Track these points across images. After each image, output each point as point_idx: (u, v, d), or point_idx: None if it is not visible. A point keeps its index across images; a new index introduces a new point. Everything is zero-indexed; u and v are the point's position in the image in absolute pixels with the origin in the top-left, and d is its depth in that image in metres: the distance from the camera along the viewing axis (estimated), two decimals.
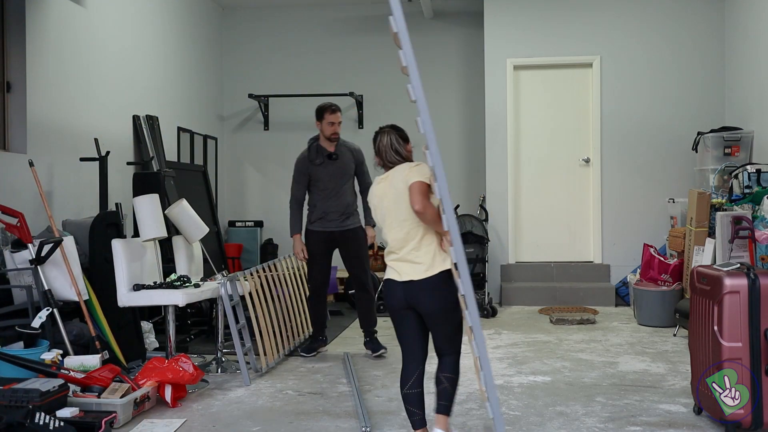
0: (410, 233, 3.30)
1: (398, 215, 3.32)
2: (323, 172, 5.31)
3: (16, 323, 4.30)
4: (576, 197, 8.07)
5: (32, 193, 5.18)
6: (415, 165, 3.35)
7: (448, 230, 3.04)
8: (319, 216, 5.30)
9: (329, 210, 5.29)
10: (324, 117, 5.34)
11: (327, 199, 5.30)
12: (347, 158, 5.39)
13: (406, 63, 2.97)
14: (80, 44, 6.06)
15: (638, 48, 7.90)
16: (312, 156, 5.34)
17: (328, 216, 5.29)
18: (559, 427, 3.74)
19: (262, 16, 9.27)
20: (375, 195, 3.45)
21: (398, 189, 3.31)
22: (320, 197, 5.31)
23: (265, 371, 4.87)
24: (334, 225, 5.30)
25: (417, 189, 3.21)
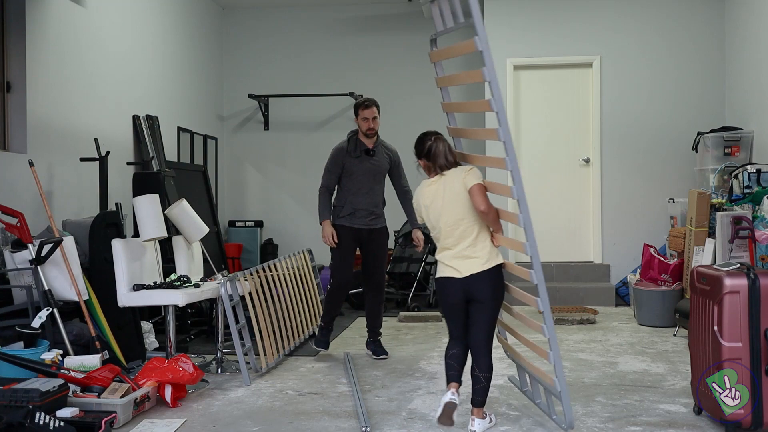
0: (465, 231, 3.62)
1: (454, 215, 3.63)
2: (358, 167, 5.23)
3: (16, 323, 4.30)
4: (576, 197, 8.07)
5: (32, 193, 5.18)
6: (470, 169, 3.70)
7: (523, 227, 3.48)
8: (349, 212, 5.23)
9: (359, 206, 5.22)
10: (359, 113, 5.30)
11: (358, 195, 5.22)
12: (383, 157, 5.34)
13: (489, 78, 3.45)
14: (80, 44, 6.06)
15: (638, 48, 7.91)
16: (350, 148, 5.25)
17: (357, 213, 5.23)
18: (559, 427, 3.73)
19: (262, 16, 9.27)
20: (426, 196, 3.73)
21: (455, 191, 3.64)
22: (351, 192, 5.24)
23: (265, 371, 4.87)
24: (362, 222, 5.25)
25: (479, 191, 3.58)
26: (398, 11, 9.05)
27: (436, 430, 3.70)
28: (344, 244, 5.26)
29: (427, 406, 4.10)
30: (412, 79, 9.00)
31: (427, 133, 3.93)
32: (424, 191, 3.75)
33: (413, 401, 4.21)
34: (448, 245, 3.66)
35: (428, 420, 3.86)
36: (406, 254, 7.65)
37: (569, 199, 8.08)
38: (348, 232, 5.25)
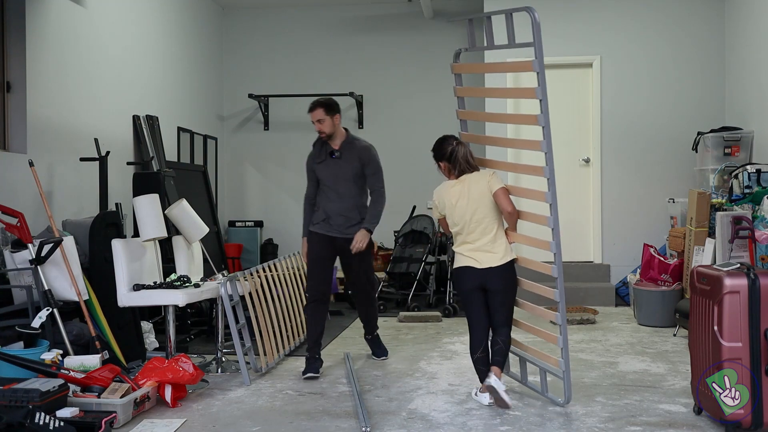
0: (486, 228, 4.12)
1: (478, 214, 4.11)
2: (324, 171, 4.93)
3: (16, 323, 4.30)
4: (576, 197, 8.07)
5: (32, 193, 5.18)
6: (492, 173, 4.20)
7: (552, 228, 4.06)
8: (322, 218, 4.91)
9: (331, 213, 4.89)
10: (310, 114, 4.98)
11: (329, 200, 4.90)
12: (351, 157, 4.92)
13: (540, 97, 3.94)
14: (80, 44, 6.06)
15: (638, 48, 7.91)
16: (314, 152, 5.02)
17: (330, 219, 4.89)
18: (559, 427, 3.74)
19: (262, 16, 9.27)
20: (452, 196, 4.15)
21: (480, 192, 4.12)
22: (323, 198, 4.94)
23: (265, 371, 4.87)
24: (337, 230, 4.88)
25: (505, 194, 4.14)
26: (398, 11, 9.06)
27: (436, 430, 3.70)
28: (315, 254, 4.88)
29: (427, 406, 4.10)
30: (412, 78, 9.00)
31: (446, 137, 4.28)
32: (450, 192, 4.16)
33: (413, 401, 4.21)
34: (470, 240, 4.14)
35: (428, 420, 3.86)
36: (406, 254, 7.65)
37: (569, 199, 8.07)
38: (321, 240, 4.89)
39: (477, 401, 4.16)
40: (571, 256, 8.07)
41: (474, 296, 4.16)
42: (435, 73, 8.83)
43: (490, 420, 3.85)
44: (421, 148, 8.78)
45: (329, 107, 4.93)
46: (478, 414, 3.95)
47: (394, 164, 8.98)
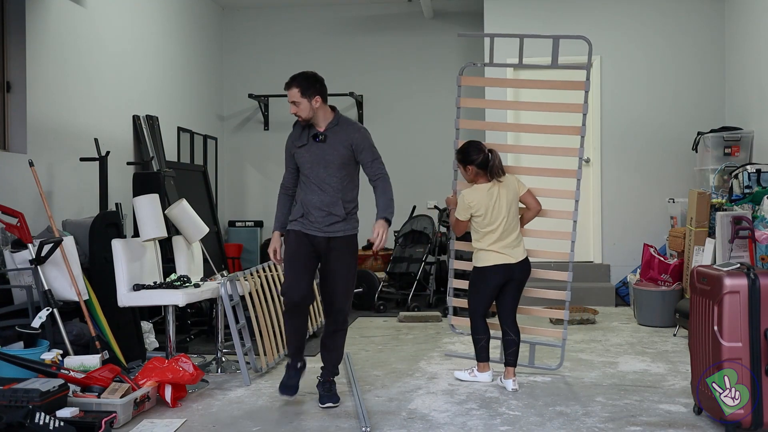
0: (515, 227, 4.57)
1: (511, 214, 4.55)
2: (305, 157, 4.11)
3: (16, 323, 4.30)
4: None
5: (32, 193, 5.18)
6: (518, 178, 4.66)
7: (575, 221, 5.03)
8: (300, 213, 4.14)
9: (310, 207, 4.09)
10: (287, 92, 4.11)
11: (309, 192, 4.11)
12: (338, 141, 4.10)
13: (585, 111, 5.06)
14: (80, 44, 6.06)
15: (638, 48, 7.91)
16: (295, 134, 4.19)
17: (309, 215, 4.10)
18: (559, 427, 3.74)
19: (262, 16, 9.27)
20: (490, 198, 4.47)
21: (513, 195, 4.57)
22: (301, 189, 4.20)
23: (265, 371, 4.87)
24: (316, 228, 4.08)
25: (533, 195, 4.70)
26: (398, 11, 9.06)
27: (435, 430, 3.70)
28: (292, 251, 4.11)
29: (427, 406, 4.10)
30: (412, 78, 9.00)
31: (474, 143, 4.54)
32: (485, 194, 4.48)
33: (413, 401, 4.21)
34: (503, 237, 4.49)
35: (428, 420, 3.86)
36: (406, 254, 7.65)
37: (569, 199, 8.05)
38: (299, 239, 4.11)
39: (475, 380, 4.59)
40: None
41: (495, 291, 4.54)
42: (435, 73, 8.83)
43: (490, 420, 3.85)
44: (421, 148, 8.84)
45: (306, 87, 4.04)
46: (478, 414, 3.96)
47: (393, 164, 8.95)
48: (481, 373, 4.61)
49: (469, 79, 4.99)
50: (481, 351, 4.61)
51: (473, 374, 4.61)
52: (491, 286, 4.52)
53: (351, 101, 9.00)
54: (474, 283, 4.58)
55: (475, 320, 4.58)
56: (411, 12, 8.99)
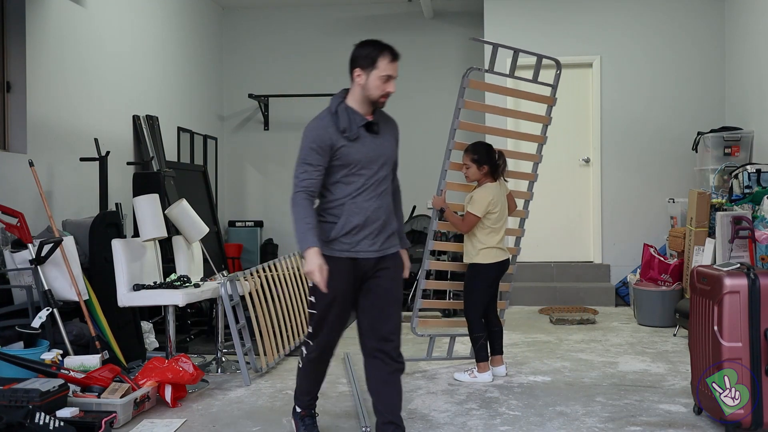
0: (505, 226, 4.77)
1: (506, 213, 4.78)
2: (360, 153, 3.14)
3: (16, 323, 4.30)
4: (576, 197, 8.07)
5: (32, 193, 5.18)
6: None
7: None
8: (347, 230, 3.13)
9: (363, 219, 3.14)
10: (377, 64, 3.15)
11: (366, 199, 3.15)
12: (389, 133, 3.28)
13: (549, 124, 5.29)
14: (80, 44, 6.06)
15: (638, 48, 7.91)
16: (342, 123, 3.13)
17: (359, 231, 3.14)
18: (559, 427, 3.74)
19: (262, 16, 9.27)
20: (500, 196, 4.66)
21: (507, 194, 4.81)
22: (352, 197, 3.15)
23: (265, 371, 4.87)
24: (366, 247, 3.16)
25: (513, 197, 4.93)
26: (398, 11, 9.06)
27: (435, 430, 3.70)
28: (339, 290, 3.14)
29: (427, 406, 4.10)
30: (412, 78, 8.99)
31: (486, 144, 4.74)
32: (498, 192, 4.66)
33: (413, 401, 4.21)
34: (501, 235, 4.68)
35: (428, 420, 3.86)
36: None
37: (569, 199, 8.07)
38: (345, 269, 3.15)
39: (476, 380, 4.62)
40: (571, 256, 8.07)
41: (494, 286, 4.73)
42: (435, 73, 8.83)
43: (490, 420, 3.85)
44: (421, 148, 8.83)
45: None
46: (478, 414, 3.96)
47: None
48: (481, 374, 4.62)
49: (475, 82, 4.98)
50: (481, 349, 4.63)
51: (473, 375, 4.62)
52: (492, 280, 4.67)
53: None
54: (475, 281, 4.63)
55: (475, 318, 4.65)
56: (411, 12, 8.99)
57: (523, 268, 7.91)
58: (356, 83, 3.20)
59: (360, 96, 3.20)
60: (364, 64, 3.20)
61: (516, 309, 7.40)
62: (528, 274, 7.88)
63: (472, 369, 4.66)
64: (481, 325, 4.65)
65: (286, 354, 5.31)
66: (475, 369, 4.65)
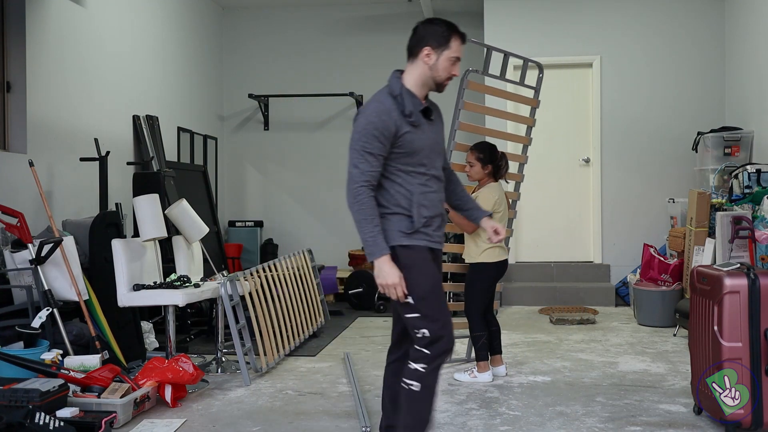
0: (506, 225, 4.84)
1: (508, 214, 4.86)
2: (422, 140, 2.89)
3: (16, 323, 4.30)
4: (576, 197, 8.07)
5: (32, 193, 5.18)
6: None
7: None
8: (423, 222, 2.88)
9: (434, 210, 2.93)
10: (450, 44, 2.88)
11: (427, 190, 2.91)
12: (440, 120, 3.07)
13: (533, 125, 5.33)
14: (80, 44, 6.06)
15: (638, 48, 7.91)
16: (408, 106, 2.85)
17: (431, 223, 2.92)
18: (559, 427, 3.74)
19: (262, 16, 9.27)
20: (498, 196, 4.67)
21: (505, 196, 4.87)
22: (418, 187, 2.88)
23: (265, 371, 4.87)
24: (438, 239, 2.97)
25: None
26: (398, 11, 9.06)
27: (435, 430, 3.70)
28: (435, 278, 2.92)
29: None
30: None
31: (491, 144, 4.78)
32: (500, 192, 4.72)
33: None
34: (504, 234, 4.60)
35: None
36: None
37: (569, 199, 8.08)
38: (430, 257, 2.93)
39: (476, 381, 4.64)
40: (571, 256, 8.08)
41: (495, 284, 4.78)
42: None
43: (490, 420, 3.85)
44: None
45: None
46: (478, 414, 3.96)
47: None
48: (481, 374, 4.63)
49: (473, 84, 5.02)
50: (482, 349, 4.65)
51: (473, 375, 4.62)
52: (493, 281, 4.73)
53: (351, 101, 9.00)
54: (477, 280, 4.65)
55: (476, 318, 4.67)
56: (411, 12, 8.98)
57: (523, 268, 7.92)
58: (422, 63, 2.88)
59: (423, 78, 2.90)
60: (435, 43, 2.88)
61: (516, 309, 7.40)
62: (528, 274, 7.88)
63: (472, 369, 4.66)
64: (482, 325, 4.67)
65: (286, 354, 5.31)
66: (474, 369, 4.65)
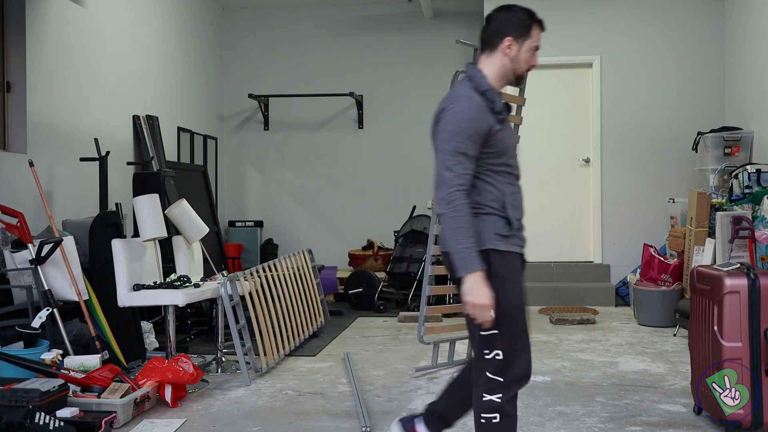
0: None
1: None
2: (509, 139, 2.69)
3: (16, 323, 4.30)
4: (576, 197, 8.07)
5: (32, 193, 5.18)
6: None
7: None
8: (517, 225, 2.69)
9: (520, 213, 2.74)
10: (531, 33, 2.67)
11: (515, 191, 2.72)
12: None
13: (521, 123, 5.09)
14: (80, 44, 6.06)
15: (638, 48, 7.91)
16: (498, 103, 2.63)
17: (520, 228, 2.74)
18: (559, 427, 3.74)
19: (262, 16, 9.27)
20: None
21: None
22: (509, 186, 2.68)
23: (265, 371, 4.87)
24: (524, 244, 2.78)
25: None
26: (398, 11, 9.06)
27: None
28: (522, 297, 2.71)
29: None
30: (412, 78, 9.00)
31: None
32: None
33: (413, 401, 4.21)
34: None
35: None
36: (406, 254, 7.65)
37: (569, 199, 8.08)
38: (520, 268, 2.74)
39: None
40: (571, 256, 8.07)
41: None
42: (435, 72, 8.82)
43: None
44: (421, 148, 8.83)
45: None
46: None
47: (393, 164, 9.00)
48: None
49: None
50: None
51: None
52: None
53: (351, 101, 9.00)
54: None
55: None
56: (411, 12, 8.99)
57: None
58: (503, 55, 2.66)
59: (503, 71, 2.67)
60: (517, 32, 2.64)
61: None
62: (528, 274, 7.80)
63: None
64: None
65: (286, 354, 5.32)
66: None
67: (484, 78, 2.64)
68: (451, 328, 5.21)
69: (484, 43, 2.70)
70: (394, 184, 8.89)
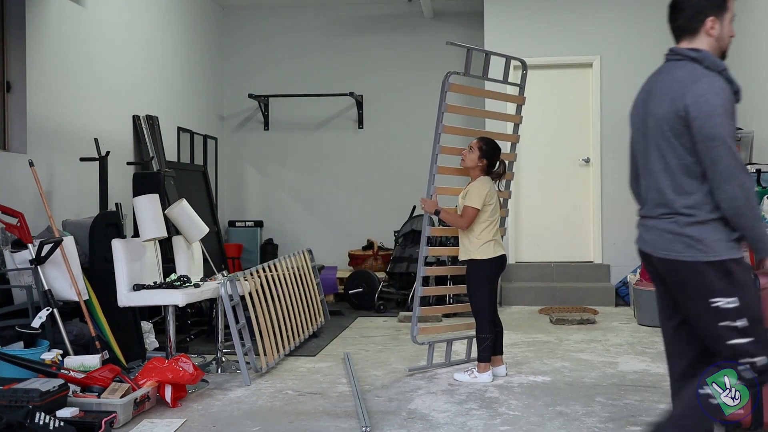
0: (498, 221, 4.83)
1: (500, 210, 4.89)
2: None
3: (16, 323, 4.30)
4: (576, 197, 8.07)
5: (32, 193, 5.18)
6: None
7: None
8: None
9: None
10: (728, 4, 2.61)
11: None
12: None
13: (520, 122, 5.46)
14: (80, 44, 6.06)
15: (638, 48, 7.90)
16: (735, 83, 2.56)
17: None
18: (559, 427, 3.74)
19: (262, 16, 9.27)
20: (489, 189, 4.70)
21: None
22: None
23: (265, 371, 4.87)
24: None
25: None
26: (398, 11, 9.06)
27: (435, 430, 3.70)
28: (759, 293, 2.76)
29: (428, 406, 4.10)
30: (412, 78, 9.00)
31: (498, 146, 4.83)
32: (490, 185, 4.75)
33: (413, 401, 4.21)
34: (497, 228, 4.75)
35: (428, 420, 3.86)
36: (406, 254, 7.65)
37: (569, 199, 8.08)
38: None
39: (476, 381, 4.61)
40: (571, 256, 8.08)
41: (496, 282, 4.79)
42: (435, 73, 8.81)
43: (490, 420, 3.85)
44: (421, 148, 8.83)
45: None
46: (478, 414, 3.96)
47: (393, 164, 8.99)
48: (481, 374, 4.62)
49: (455, 86, 4.99)
50: (485, 351, 4.64)
51: (473, 375, 4.62)
52: (494, 277, 4.71)
53: (351, 101, 9.00)
54: (479, 278, 4.64)
55: (485, 318, 4.64)
56: (411, 12, 8.99)
57: (523, 268, 7.92)
58: (706, 36, 2.58)
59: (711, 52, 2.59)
60: (717, 10, 2.57)
61: (516, 309, 7.40)
62: (528, 274, 7.88)
63: (472, 369, 4.66)
64: (491, 327, 4.64)
65: (286, 354, 5.32)
66: (475, 369, 4.65)
67: (716, 58, 2.54)
68: (445, 329, 5.21)
69: (682, 30, 2.62)
70: (394, 184, 8.88)
